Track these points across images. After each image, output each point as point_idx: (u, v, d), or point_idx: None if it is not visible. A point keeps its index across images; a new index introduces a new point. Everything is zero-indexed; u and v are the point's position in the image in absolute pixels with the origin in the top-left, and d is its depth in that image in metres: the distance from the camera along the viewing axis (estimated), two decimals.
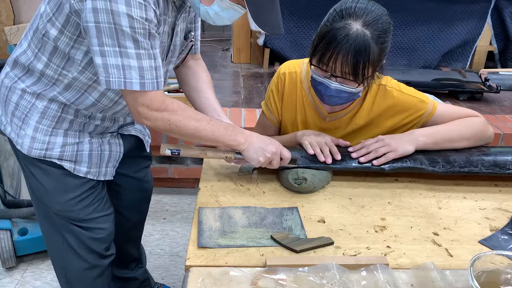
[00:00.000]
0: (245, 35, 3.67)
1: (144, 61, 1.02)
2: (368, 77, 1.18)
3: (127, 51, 1.00)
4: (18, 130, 1.19)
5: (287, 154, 1.20)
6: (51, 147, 1.19)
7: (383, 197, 1.22)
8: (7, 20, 3.15)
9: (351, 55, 1.11)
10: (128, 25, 0.98)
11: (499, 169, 1.27)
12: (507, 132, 2.56)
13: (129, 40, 0.99)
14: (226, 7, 1.08)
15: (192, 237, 1.02)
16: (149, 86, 1.04)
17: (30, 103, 1.17)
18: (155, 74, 1.05)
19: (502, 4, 3.63)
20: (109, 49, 0.99)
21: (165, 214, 2.50)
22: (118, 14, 0.96)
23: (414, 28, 3.60)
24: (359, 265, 0.93)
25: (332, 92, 1.19)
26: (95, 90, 1.16)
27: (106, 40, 0.99)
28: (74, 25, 1.05)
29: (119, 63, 1.00)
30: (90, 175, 1.25)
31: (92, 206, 1.28)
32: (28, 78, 1.16)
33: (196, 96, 1.40)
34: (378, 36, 1.13)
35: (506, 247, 1.03)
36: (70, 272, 1.37)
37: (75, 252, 1.31)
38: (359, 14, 1.13)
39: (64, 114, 1.19)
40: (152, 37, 1.04)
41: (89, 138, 1.25)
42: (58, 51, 1.10)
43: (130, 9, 0.97)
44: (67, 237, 1.30)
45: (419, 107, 1.31)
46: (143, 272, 1.77)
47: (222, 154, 1.21)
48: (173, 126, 1.10)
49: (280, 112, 1.42)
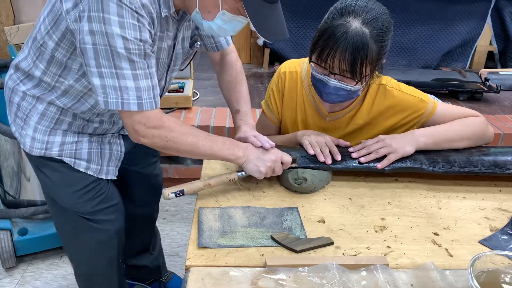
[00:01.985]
0: (245, 35, 3.68)
1: (141, 81, 1.03)
2: (367, 76, 1.18)
3: (124, 72, 1.01)
4: (20, 130, 1.22)
5: (288, 158, 1.20)
6: (50, 147, 1.21)
7: (383, 197, 1.22)
8: (7, 20, 3.15)
9: (349, 53, 1.12)
10: (123, 46, 0.98)
11: (499, 169, 1.27)
12: (507, 132, 2.56)
13: (125, 61, 1.00)
14: (229, 20, 1.08)
15: (192, 237, 1.02)
16: (147, 106, 1.05)
17: (31, 104, 1.19)
18: (152, 94, 1.06)
19: (502, 4, 3.63)
20: (106, 70, 1.00)
21: (165, 214, 2.50)
22: (112, 36, 0.97)
23: (414, 28, 3.60)
24: (359, 265, 0.93)
25: (330, 89, 1.19)
26: (90, 97, 1.18)
27: (103, 62, 1.00)
28: (69, 41, 1.07)
29: (116, 85, 1.01)
30: (90, 171, 1.27)
31: (98, 198, 1.30)
32: (29, 82, 1.19)
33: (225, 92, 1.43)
34: (377, 34, 1.13)
35: (506, 247, 1.03)
36: (83, 264, 1.42)
37: (88, 245, 1.35)
38: (359, 12, 1.13)
39: (63, 117, 1.20)
40: (148, 57, 1.05)
41: (89, 138, 1.27)
42: (55, 60, 1.12)
43: (124, 31, 0.98)
44: (79, 231, 1.33)
45: (419, 107, 1.31)
46: (154, 259, 1.80)
47: (224, 178, 1.19)
48: (170, 142, 1.10)
49: (280, 111, 1.42)
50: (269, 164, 1.17)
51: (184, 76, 2.85)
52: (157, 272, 1.83)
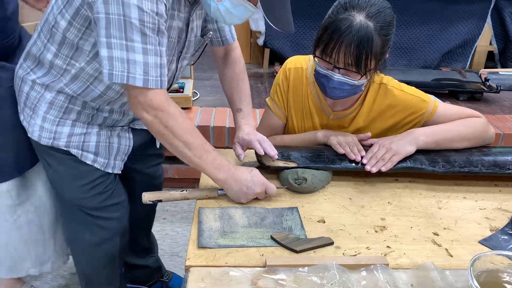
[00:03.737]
0: (245, 35, 3.67)
1: (150, 57, 1.02)
2: (371, 70, 1.18)
3: (134, 45, 0.99)
4: (29, 119, 1.22)
5: (272, 190, 1.16)
6: (58, 137, 1.21)
7: (383, 197, 1.22)
8: None
9: (354, 46, 1.12)
10: (138, 17, 0.97)
11: (499, 169, 1.27)
12: (507, 132, 2.56)
13: (137, 33, 0.99)
14: (238, 4, 1.08)
15: (192, 237, 1.02)
16: (153, 83, 1.03)
17: (40, 93, 1.19)
18: (159, 72, 1.04)
19: (502, 4, 3.63)
20: (116, 41, 0.99)
21: (165, 214, 2.50)
22: (128, 6, 0.96)
23: (414, 28, 3.60)
24: (359, 265, 0.93)
25: (335, 84, 1.20)
26: (101, 83, 1.16)
27: (114, 32, 0.98)
28: (83, 17, 1.06)
29: (124, 57, 1.00)
30: (97, 165, 1.27)
31: (104, 194, 1.30)
32: (39, 70, 1.18)
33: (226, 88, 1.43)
34: (381, 28, 1.14)
35: (506, 247, 1.03)
36: (85, 260, 1.42)
37: (92, 244, 1.35)
38: (363, 6, 1.14)
39: (71, 105, 1.20)
40: (161, 34, 1.03)
41: (98, 130, 1.26)
42: (66, 42, 1.11)
43: (141, 2, 0.97)
44: (84, 227, 1.33)
45: (420, 106, 1.31)
46: (154, 260, 1.80)
47: (204, 193, 1.17)
48: (168, 130, 1.07)
49: (286, 107, 1.42)
50: (251, 197, 1.15)
51: (184, 76, 2.85)
52: (159, 273, 1.83)
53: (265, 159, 1.28)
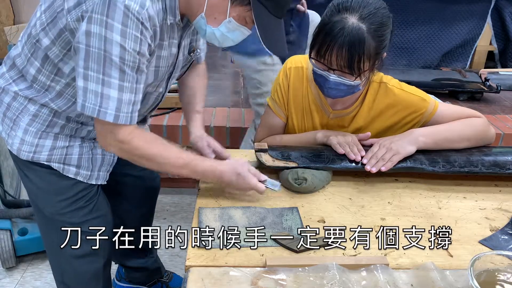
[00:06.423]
0: None
1: (125, 94, 1.02)
2: (366, 71, 1.19)
3: (111, 80, 0.99)
4: (9, 130, 1.18)
5: (261, 190, 1.16)
6: (39, 150, 1.18)
7: (383, 197, 1.22)
8: (7, 20, 3.15)
9: (346, 49, 1.13)
10: (118, 55, 0.97)
11: (499, 169, 1.27)
12: (507, 132, 2.55)
13: (116, 70, 0.98)
14: (233, 29, 1.08)
15: (192, 237, 1.02)
16: (123, 119, 1.03)
17: (22, 105, 1.16)
18: (131, 109, 1.04)
19: (502, 4, 3.63)
20: (93, 74, 0.98)
21: (165, 214, 2.50)
22: (111, 43, 0.96)
23: (414, 28, 3.59)
24: (359, 265, 0.93)
25: (331, 84, 1.20)
26: None
27: (92, 65, 0.98)
28: (65, 41, 1.05)
29: (99, 91, 0.99)
30: (80, 177, 1.23)
31: (86, 208, 1.26)
32: (22, 82, 1.16)
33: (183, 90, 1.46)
34: (375, 29, 1.14)
35: (506, 247, 1.03)
36: (67, 274, 1.36)
37: (73, 256, 1.29)
38: (356, 8, 1.14)
39: (56, 119, 1.17)
40: (140, 72, 1.03)
41: (80, 142, 1.23)
42: (49, 59, 1.10)
43: (125, 41, 0.96)
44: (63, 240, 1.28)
45: (420, 106, 1.31)
46: (153, 261, 1.79)
47: None
48: (137, 157, 1.10)
49: (286, 107, 1.42)
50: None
51: None
52: (158, 273, 1.83)
53: (265, 159, 1.28)
